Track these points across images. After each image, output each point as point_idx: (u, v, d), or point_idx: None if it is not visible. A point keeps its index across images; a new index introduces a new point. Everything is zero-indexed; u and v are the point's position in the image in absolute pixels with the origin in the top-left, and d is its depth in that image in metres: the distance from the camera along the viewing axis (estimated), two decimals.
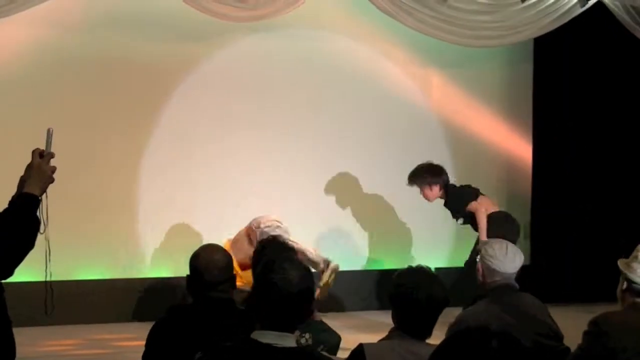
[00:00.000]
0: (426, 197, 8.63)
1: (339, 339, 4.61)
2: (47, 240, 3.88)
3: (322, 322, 4.75)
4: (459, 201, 8.57)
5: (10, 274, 3.60)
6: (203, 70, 9.35)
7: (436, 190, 8.59)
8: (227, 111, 9.39)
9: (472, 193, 8.59)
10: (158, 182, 9.22)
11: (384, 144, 9.89)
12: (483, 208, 8.41)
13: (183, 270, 4.49)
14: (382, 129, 9.92)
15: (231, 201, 9.18)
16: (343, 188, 9.85)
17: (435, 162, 8.84)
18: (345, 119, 9.81)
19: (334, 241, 9.66)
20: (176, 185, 9.28)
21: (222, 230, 8.95)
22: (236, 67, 9.45)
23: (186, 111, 9.30)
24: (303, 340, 4.46)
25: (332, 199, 9.77)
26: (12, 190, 3.70)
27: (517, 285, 5.01)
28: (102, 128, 9.07)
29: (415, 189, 8.71)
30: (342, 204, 9.78)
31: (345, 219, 9.85)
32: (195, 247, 4.49)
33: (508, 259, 4.93)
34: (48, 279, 4.09)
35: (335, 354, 4.69)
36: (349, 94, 9.81)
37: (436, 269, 8.40)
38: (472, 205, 8.47)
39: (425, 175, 8.60)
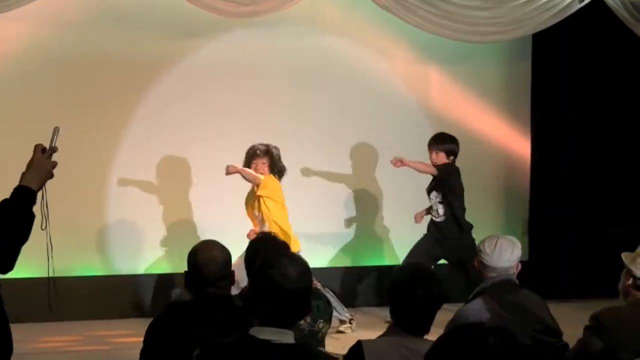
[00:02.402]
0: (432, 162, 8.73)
1: (331, 308, 4.66)
2: (49, 236, 3.86)
3: (317, 294, 4.73)
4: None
5: (10, 268, 3.59)
6: (199, 66, 9.34)
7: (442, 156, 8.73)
8: (223, 108, 9.38)
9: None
10: (157, 178, 9.21)
11: (381, 141, 9.87)
12: None
13: (181, 267, 4.48)
14: (379, 126, 9.90)
15: (229, 198, 9.17)
16: (340, 186, 9.85)
17: None
18: (342, 116, 9.79)
19: (332, 237, 9.66)
20: (175, 182, 9.29)
21: (221, 227, 8.96)
22: (232, 64, 9.43)
23: (185, 108, 9.30)
24: (302, 322, 4.45)
25: (329, 196, 9.76)
26: (11, 186, 3.70)
27: (516, 281, 4.99)
28: (100, 124, 9.06)
29: (413, 186, 8.77)
30: (339, 201, 9.78)
31: (344, 216, 9.85)
32: (193, 244, 4.48)
33: (495, 254, 4.90)
34: (50, 275, 4.07)
35: (330, 323, 4.75)
36: (346, 91, 9.79)
37: (434, 265, 8.47)
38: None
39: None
